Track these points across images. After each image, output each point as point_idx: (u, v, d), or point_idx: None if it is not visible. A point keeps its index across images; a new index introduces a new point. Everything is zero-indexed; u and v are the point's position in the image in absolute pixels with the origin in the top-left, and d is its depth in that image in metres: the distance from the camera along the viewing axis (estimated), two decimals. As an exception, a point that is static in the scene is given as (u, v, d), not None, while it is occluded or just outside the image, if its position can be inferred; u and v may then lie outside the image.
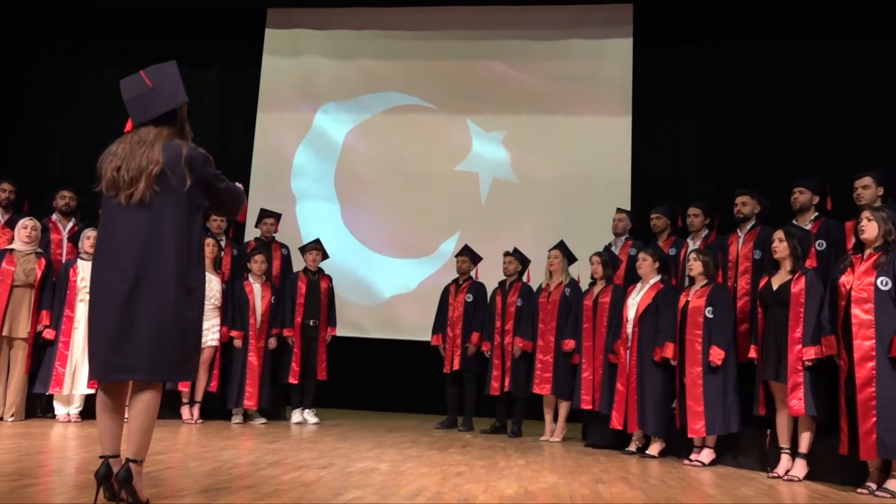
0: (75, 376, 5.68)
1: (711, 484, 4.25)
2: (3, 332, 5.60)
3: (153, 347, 2.68)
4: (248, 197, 3.01)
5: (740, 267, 5.64)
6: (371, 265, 8.19)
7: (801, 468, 4.48)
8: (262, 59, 8.64)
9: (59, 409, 5.69)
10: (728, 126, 7.69)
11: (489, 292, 6.83)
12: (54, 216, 6.69)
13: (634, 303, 5.53)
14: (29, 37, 8.87)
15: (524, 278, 6.76)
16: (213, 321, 6.21)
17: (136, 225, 2.72)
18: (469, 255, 6.97)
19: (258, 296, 6.48)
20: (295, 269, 7.08)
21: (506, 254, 6.75)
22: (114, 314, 2.67)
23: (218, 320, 6.26)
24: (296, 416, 6.60)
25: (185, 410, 6.14)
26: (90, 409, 5.40)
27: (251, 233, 7.70)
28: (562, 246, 6.45)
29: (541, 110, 8.16)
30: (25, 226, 5.82)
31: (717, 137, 7.70)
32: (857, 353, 4.09)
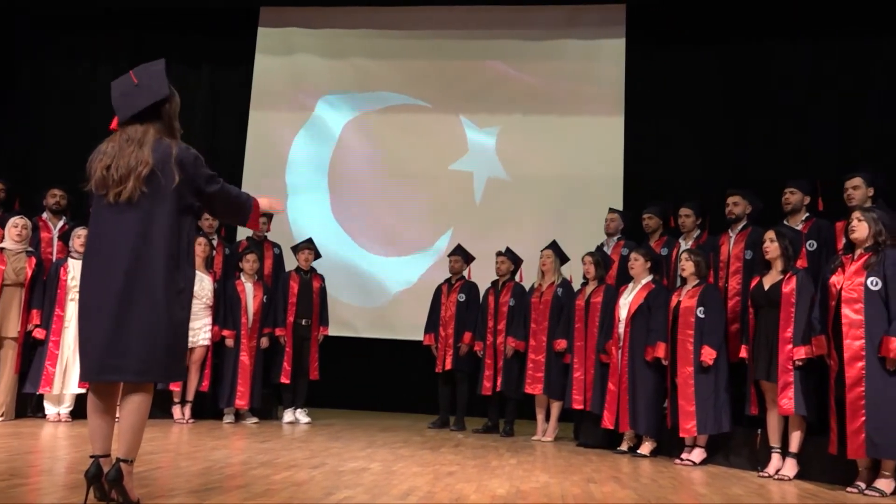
0: (66, 376, 5.65)
1: (702, 483, 4.27)
2: (-6, 332, 5.58)
3: (144, 348, 2.67)
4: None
5: (731, 267, 5.66)
6: (364, 265, 8.18)
7: (791, 467, 4.50)
8: (255, 58, 8.61)
9: (50, 409, 5.66)
10: (720, 126, 7.72)
11: (482, 292, 6.85)
12: (45, 214, 6.64)
13: (626, 303, 5.54)
14: (21, 35, 8.81)
15: (517, 278, 6.77)
16: (205, 320, 6.18)
17: (126, 225, 2.71)
18: (462, 255, 6.98)
19: (250, 295, 6.47)
20: (287, 268, 7.07)
21: (498, 254, 6.75)
22: (104, 315, 2.66)
23: (210, 319, 6.23)
24: (287, 415, 6.59)
25: (176, 410, 6.12)
26: (81, 409, 5.40)
27: (243, 232, 7.68)
28: (554, 246, 6.46)
29: (534, 110, 8.18)
30: (16, 224, 5.78)
31: (709, 138, 7.72)
32: (847, 352, 4.11)
